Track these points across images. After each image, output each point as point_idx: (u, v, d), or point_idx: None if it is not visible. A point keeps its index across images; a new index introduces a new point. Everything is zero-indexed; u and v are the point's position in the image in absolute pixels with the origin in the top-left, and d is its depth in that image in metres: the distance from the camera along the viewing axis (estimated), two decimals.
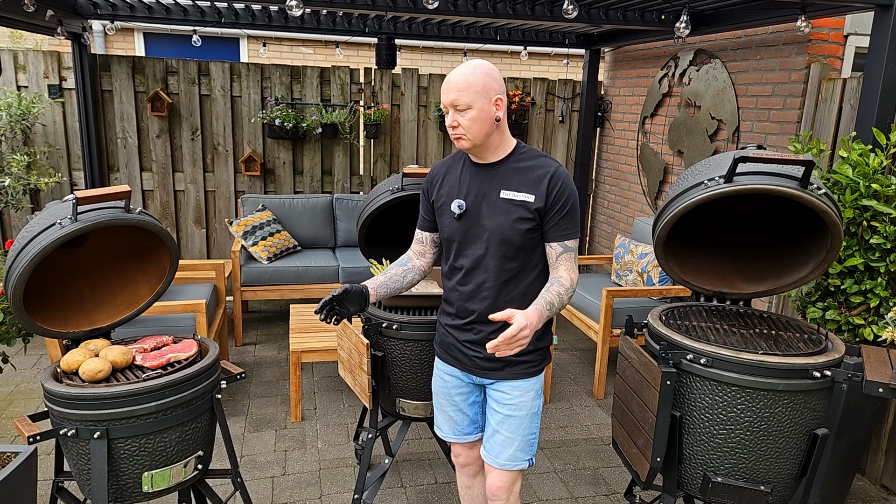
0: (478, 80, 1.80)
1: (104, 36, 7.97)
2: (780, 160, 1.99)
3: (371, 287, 2.06)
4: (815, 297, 2.80)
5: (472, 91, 1.79)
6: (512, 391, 1.95)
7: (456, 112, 1.82)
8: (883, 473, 3.05)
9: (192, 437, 2.00)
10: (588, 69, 5.63)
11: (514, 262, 1.89)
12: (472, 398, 2.10)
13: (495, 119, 1.83)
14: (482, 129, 1.83)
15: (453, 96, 1.80)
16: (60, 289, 2.16)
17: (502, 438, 1.97)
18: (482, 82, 1.80)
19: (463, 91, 1.79)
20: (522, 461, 1.99)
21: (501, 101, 1.84)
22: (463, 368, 2.03)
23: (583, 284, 4.42)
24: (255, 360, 4.35)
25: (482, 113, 1.81)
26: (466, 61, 1.88)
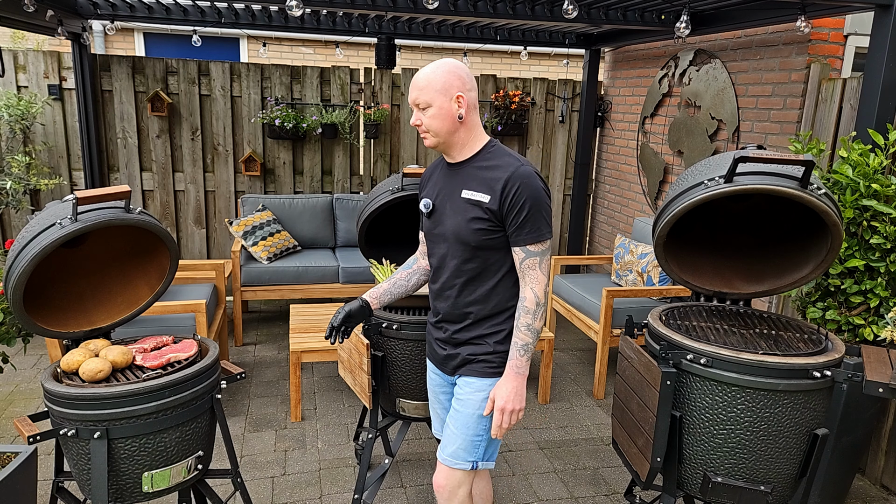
0: (438, 78, 1.81)
1: (104, 36, 7.97)
2: (780, 160, 1.99)
3: (373, 297, 2.09)
4: (815, 297, 2.80)
5: (431, 89, 1.81)
6: (465, 387, 1.94)
7: (418, 110, 1.85)
8: (883, 473, 3.05)
9: (192, 437, 2.00)
10: (588, 69, 5.63)
11: (473, 262, 1.88)
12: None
13: (458, 117, 1.83)
14: (443, 127, 1.83)
15: (414, 94, 1.84)
16: (60, 289, 2.17)
17: (449, 432, 1.97)
18: (443, 80, 1.81)
19: (423, 89, 1.82)
20: (465, 461, 1.94)
21: (463, 98, 1.82)
22: (438, 366, 2.05)
23: (583, 284, 4.42)
24: (255, 360, 4.35)
25: (441, 110, 1.82)
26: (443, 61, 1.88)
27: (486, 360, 1.92)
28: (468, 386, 1.94)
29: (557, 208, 6.11)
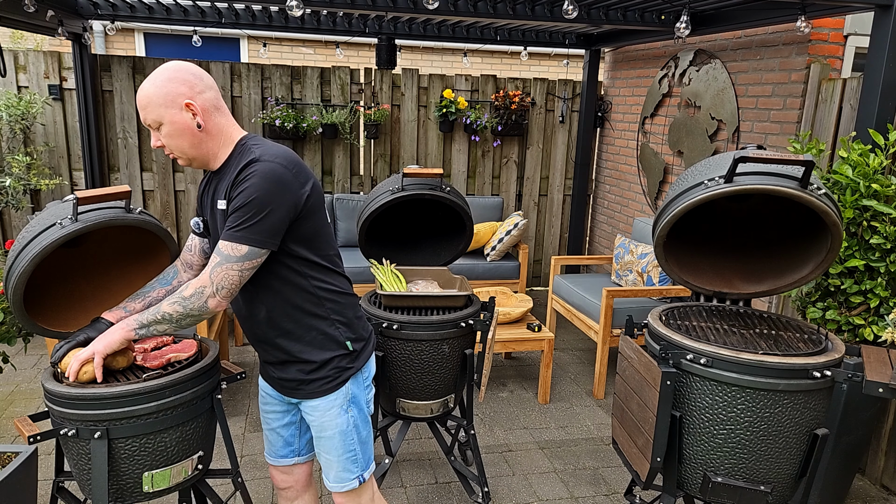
0: (158, 90, 1.58)
1: (104, 36, 7.97)
2: (779, 160, 2.00)
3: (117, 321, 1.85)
4: (815, 297, 2.80)
5: (154, 105, 1.58)
6: (313, 411, 1.83)
7: (154, 132, 1.64)
8: (883, 473, 3.06)
9: (192, 437, 2.00)
10: (588, 69, 5.63)
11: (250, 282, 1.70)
12: (286, 418, 1.98)
13: (196, 126, 1.61)
14: (185, 142, 1.62)
15: (142, 115, 1.62)
16: (61, 289, 2.17)
17: (324, 460, 1.88)
18: (163, 91, 1.58)
19: (146, 108, 1.59)
20: (349, 481, 1.86)
21: (194, 104, 1.59)
22: (272, 384, 1.92)
23: (583, 284, 4.42)
24: (255, 360, 4.35)
25: (175, 126, 1.60)
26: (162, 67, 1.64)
27: (320, 377, 1.79)
28: (315, 409, 1.83)
29: (557, 208, 6.11)
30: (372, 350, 1.90)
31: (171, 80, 1.59)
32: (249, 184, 1.56)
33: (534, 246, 6.18)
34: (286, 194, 1.60)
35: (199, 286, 1.61)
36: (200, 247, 1.91)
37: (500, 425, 3.59)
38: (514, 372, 4.33)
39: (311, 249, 1.71)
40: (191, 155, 1.66)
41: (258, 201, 1.56)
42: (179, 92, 1.59)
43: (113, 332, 1.69)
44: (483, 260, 5.15)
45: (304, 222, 1.67)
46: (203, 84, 1.63)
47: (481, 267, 5.08)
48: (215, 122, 1.65)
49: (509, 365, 4.44)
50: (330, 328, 1.78)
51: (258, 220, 1.57)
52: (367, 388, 1.89)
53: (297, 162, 1.66)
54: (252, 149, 1.64)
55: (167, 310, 1.64)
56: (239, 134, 1.71)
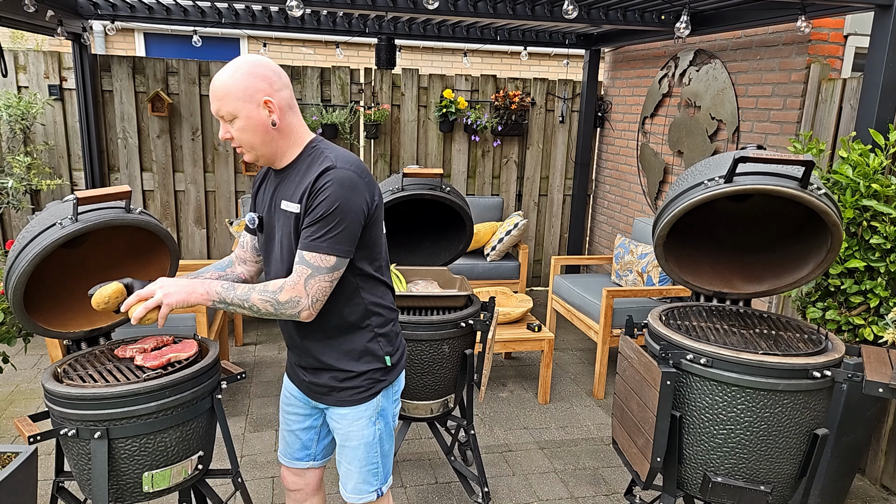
0: (238, 83, 1.56)
1: (104, 36, 7.97)
2: (779, 160, 2.00)
3: None
4: (815, 297, 2.80)
5: (232, 98, 1.56)
6: (341, 419, 1.80)
7: (225, 123, 1.61)
8: (883, 473, 3.06)
9: (192, 437, 2.00)
10: (588, 69, 5.63)
11: None
12: (308, 422, 1.95)
13: (271, 124, 1.60)
14: (256, 139, 1.60)
15: (216, 106, 1.59)
16: (61, 289, 2.17)
17: (343, 469, 1.85)
18: (243, 85, 1.56)
19: (223, 99, 1.57)
20: (368, 493, 1.84)
21: (273, 101, 1.59)
22: (300, 388, 1.90)
23: (583, 284, 4.42)
24: (255, 360, 4.35)
25: (250, 121, 1.58)
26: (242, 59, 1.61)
27: (353, 386, 1.76)
28: (343, 418, 1.80)
29: (557, 208, 6.11)
30: (404, 364, 1.88)
31: (251, 74, 1.58)
32: (330, 192, 1.55)
33: (534, 246, 6.18)
34: (361, 203, 1.59)
35: (295, 296, 1.58)
36: (252, 244, 1.89)
37: (500, 425, 3.59)
38: (514, 372, 4.33)
39: (367, 260, 1.70)
40: (260, 151, 1.64)
41: (340, 211, 1.55)
42: (259, 88, 1.58)
43: (191, 293, 1.60)
44: (483, 260, 5.15)
45: (368, 231, 1.66)
46: (281, 82, 1.62)
47: (481, 267, 5.08)
48: (288, 121, 1.64)
49: (509, 365, 4.45)
50: (371, 342, 1.76)
51: (342, 229, 1.57)
52: (395, 402, 1.86)
53: (366, 169, 1.66)
54: (326, 154, 1.63)
55: (256, 302, 1.60)
56: (308, 135, 1.71)
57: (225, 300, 1.61)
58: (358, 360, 1.75)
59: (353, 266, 1.67)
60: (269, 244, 1.76)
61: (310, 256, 1.57)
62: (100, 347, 2.15)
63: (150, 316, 1.61)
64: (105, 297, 1.71)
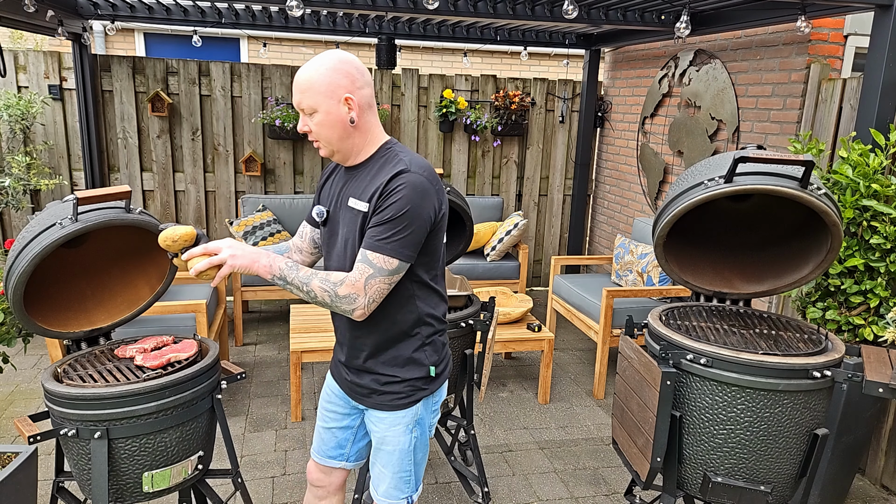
0: (322, 78, 1.57)
1: (104, 36, 7.97)
2: (779, 160, 2.00)
3: None
4: (815, 297, 2.80)
5: (314, 92, 1.58)
6: (379, 423, 1.79)
7: (304, 116, 1.63)
8: (883, 473, 3.06)
9: (192, 437, 2.00)
10: (588, 69, 5.63)
11: None
12: (346, 422, 1.93)
13: (349, 121, 1.61)
14: (334, 135, 1.62)
15: (297, 98, 1.60)
16: (61, 289, 2.17)
17: (377, 471, 1.84)
18: (327, 80, 1.57)
19: (305, 92, 1.58)
20: (398, 499, 1.82)
21: (353, 99, 1.59)
22: (341, 386, 1.89)
23: (583, 284, 4.42)
24: (255, 360, 4.35)
25: (329, 116, 1.59)
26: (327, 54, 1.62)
27: (394, 391, 1.75)
28: (381, 421, 1.79)
29: (557, 208, 6.11)
30: (447, 376, 1.85)
31: (335, 69, 1.58)
32: (402, 196, 1.55)
33: (534, 246, 6.18)
34: (430, 210, 1.59)
35: (353, 292, 1.58)
36: (311, 235, 1.89)
37: (500, 425, 3.59)
38: (514, 372, 4.33)
39: (425, 268, 1.70)
40: (336, 147, 1.65)
41: (408, 215, 1.55)
42: (341, 84, 1.58)
43: (255, 261, 1.60)
44: (483, 260, 5.15)
45: (430, 239, 1.66)
46: (363, 80, 1.62)
47: (481, 267, 5.08)
48: (367, 119, 1.65)
49: (509, 365, 4.45)
50: (417, 350, 1.74)
51: (408, 233, 1.57)
52: (434, 413, 1.85)
53: (437, 177, 1.66)
54: (401, 157, 1.63)
55: (315, 289, 1.59)
56: (383, 136, 1.71)
57: (286, 278, 1.61)
58: (402, 367, 1.74)
59: (411, 273, 1.67)
60: (331, 239, 1.76)
61: (373, 256, 1.57)
62: (100, 347, 2.15)
63: (210, 272, 1.60)
64: (175, 235, 1.69)
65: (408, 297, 1.70)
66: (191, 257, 1.61)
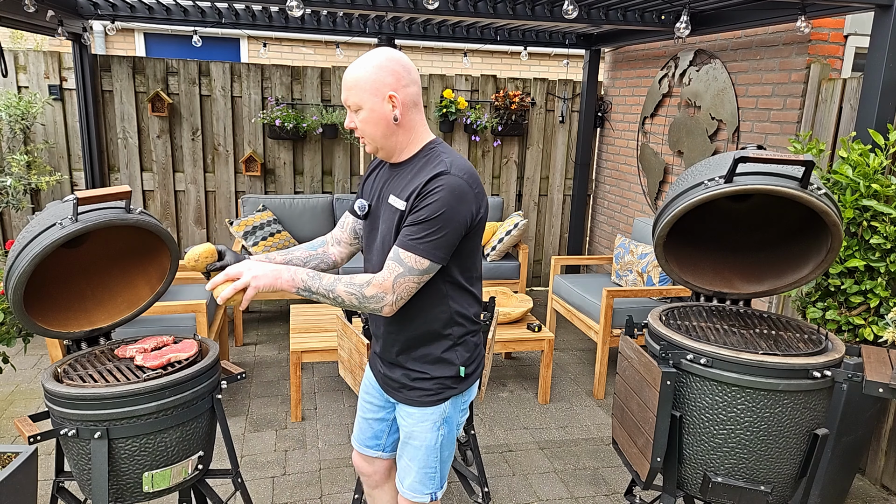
0: (367, 75, 1.59)
1: (104, 36, 7.97)
2: (780, 160, 2.00)
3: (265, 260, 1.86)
4: (815, 297, 2.80)
5: (359, 89, 1.60)
6: (408, 417, 1.82)
7: (351, 112, 1.66)
8: (883, 473, 3.06)
9: (192, 437, 2.00)
10: (588, 69, 5.63)
11: None
12: (381, 413, 1.98)
13: (393, 119, 1.63)
14: (377, 132, 1.64)
15: (344, 95, 1.63)
16: (61, 289, 2.17)
17: (403, 464, 1.87)
18: (372, 78, 1.59)
19: (351, 89, 1.61)
20: (422, 494, 1.84)
21: (397, 97, 1.61)
22: (376, 378, 1.94)
23: (583, 284, 4.42)
24: (255, 360, 4.35)
25: (373, 113, 1.62)
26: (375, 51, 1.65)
27: (424, 388, 1.77)
28: (410, 416, 1.81)
29: (557, 208, 6.11)
30: (478, 376, 1.87)
31: (381, 67, 1.60)
32: (438, 197, 1.56)
33: (534, 246, 6.18)
34: (466, 214, 1.60)
35: (381, 291, 1.59)
36: (353, 227, 1.92)
37: (500, 425, 3.59)
38: (514, 372, 4.33)
39: (460, 269, 1.71)
40: (379, 144, 1.67)
41: (444, 217, 1.57)
42: (386, 82, 1.60)
43: (277, 278, 1.62)
44: (483, 260, 5.15)
45: (467, 241, 1.67)
46: (409, 78, 1.63)
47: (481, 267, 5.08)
48: (411, 117, 1.66)
49: (509, 365, 4.45)
50: (448, 350, 1.76)
51: (442, 235, 1.58)
52: (462, 412, 1.87)
53: (478, 180, 1.67)
54: (442, 158, 1.64)
55: (341, 294, 1.60)
56: (428, 135, 1.72)
57: (310, 288, 1.62)
58: (432, 365, 1.76)
59: (445, 273, 1.68)
60: (371, 234, 1.79)
61: (405, 255, 1.59)
62: (100, 347, 2.15)
63: (236, 297, 1.62)
64: (195, 255, 1.75)
65: (441, 296, 1.71)
66: (214, 286, 1.61)
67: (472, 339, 1.81)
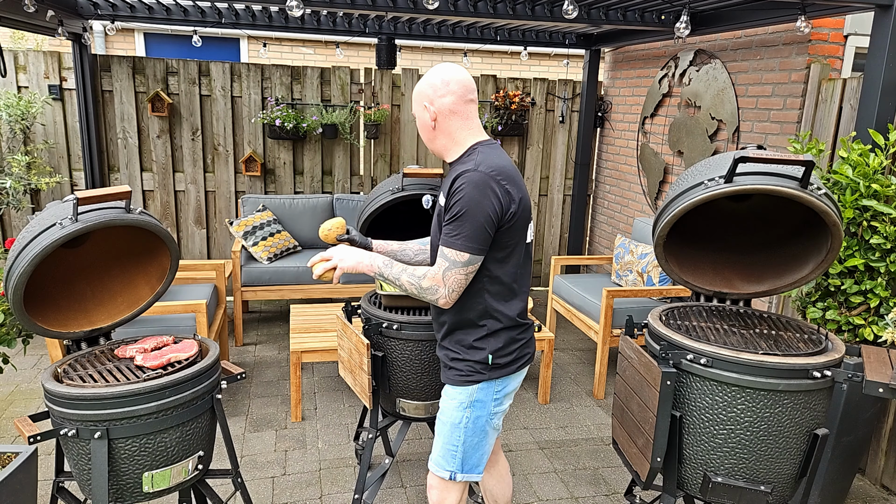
0: (417, 88, 1.89)
1: (104, 36, 7.97)
2: (780, 160, 2.00)
3: (378, 247, 2.18)
4: (815, 297, 2.80)
5: (413, 100, 1.92)
6: (444, 395, 1.99)
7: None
8: (883, 473, 3.06)
9: (192, 437, 2.00)
10: (588, 69, 5.63)
11: None
12: None
13: (431, 125, 1.88)
14: (424, 135, 1.92)
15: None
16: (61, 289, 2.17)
17: (435, 438, 2.03)
18: (419, 90, 1.88)
19: (412, 100, 1.91)
20: (443, 469, 1.98)
21: (430, 107, 1.86)
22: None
23: (583, 284, 4.42)
24: (255, 361, 4.35)
25: (419, 120, 1.91)
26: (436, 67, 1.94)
27: (456, 368, 1.93)
28: (445, 394, 1.98)
29: (557, 208, 6.11)
30: (517, 369, 1.97)
31: (425, 80, 1.87)
32: (463, 194, 1.75)
33: (534, 246, 6.18)
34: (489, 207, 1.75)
35: (435, 284, 1.79)
36: None
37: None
38: None
39: (497, 263, 1.85)
40: (428, 145, 1.94)
41: (469, 211, 1.73)
42: (425, 94, 1.86)
43: (359, 262, 1.92)
44: None
45: (501, 236, 1.81)
46: (446, 90, 1.84)
47: None
48: (448, 124, 1.87)
49: None
50: (480, 340, 1.90)
51: (472, 228, 1.74)
52: (496, 402, 1.96)
53: (511, 176, 1.81)
54: (474, 157, 1.82)
55: (404, 283, 1.84)
56: (473, 139, 1.89)
57: (383, 273, 1.88)
58: (466, 350, 1.92)
59: (484, 267, 1.84)
60: (434, 227, 1.99)
61: (447, 251, 1.78)
62: (100, 347, 2.15)
63: (328, 275, 1.97)
64: (329, 226, 2.14)
65: (477, 289, 1.86)
66: (313, 265, 1.97)
67: (508, 334, 1.92)
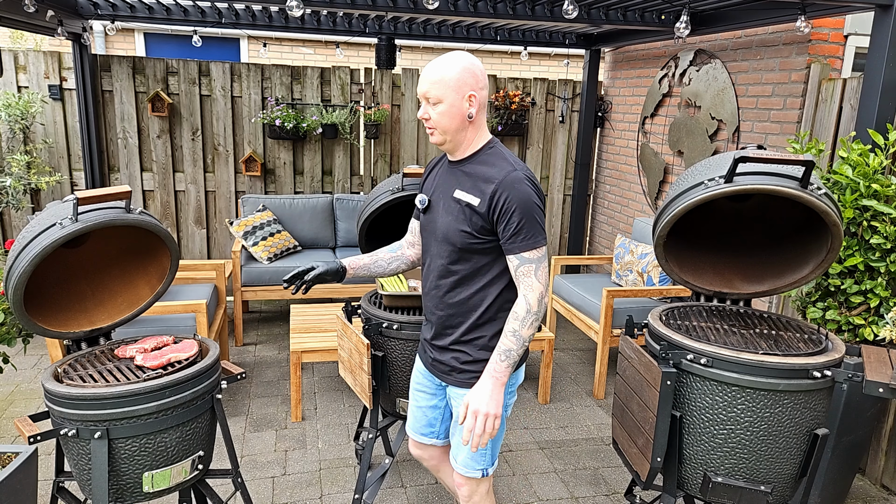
0: (453, 74, 1.75)
1: (104, 36, 7.97)
2: (780, 160, 2.00)
3: (351, 266, 2.10)
4: (815, 297, 2.80)
5: (443, 84, 1.75)
6: (458, 399, 1.93)
7: (427, 104, 1.80)
8: (883, 473, 3.06)
9: (192, 437, 2.00)
10: (588, 69, 5.63)
11: (460, 264, 1.84)
12: (433, 401, 2.08)
13: (468, 116, 1.78)
14: (451, 125, 1.79)
15: (425, 87, 1.77)
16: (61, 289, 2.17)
17: (456, 442, 1.98)
18: (457, 77, 1.75)
19: (435, 83, 1.75)
20: (474, 470, 1.96)
21: (475, 97, 1.77)
22: (426, 366, 2.03)
23: (583, 284, 4.42)
24: (255, 360, 4.35)
25: (452, 108, 1.77)
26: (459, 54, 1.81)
27: (471, 370, 1.88)
28: (460, 398, 1.92)
29: (557, 208, 6.11)
30: (524, 360, 1.97)
31: (466, 69, 1.76)
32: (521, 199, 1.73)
33: None
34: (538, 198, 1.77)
35: (538, 294, 1.76)
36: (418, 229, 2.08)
37: None
38: None
39: None
40: (450, 137, 1.81)
41: (530, 212, 1.74)
42: (468, 83, 1.76)
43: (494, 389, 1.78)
44: None
45: None
46: (484, 82, 1.80)
47: None
48: (481, 118, 1.83)
49: None
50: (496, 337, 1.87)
51: (536, 224, 1.75)
52: (510, 394, 1.95)
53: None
54: (506, 156, 1.81)
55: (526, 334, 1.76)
56: (488, 135, 1.87)
57: (511, 358, 1.77)
58: (482, 350, 1.87)
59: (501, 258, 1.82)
60: (430, 225, 1.92)
61: (529, 254, 1.76)
62: (100, 347, 2.15)
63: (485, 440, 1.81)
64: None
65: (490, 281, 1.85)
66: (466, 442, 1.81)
67: None
